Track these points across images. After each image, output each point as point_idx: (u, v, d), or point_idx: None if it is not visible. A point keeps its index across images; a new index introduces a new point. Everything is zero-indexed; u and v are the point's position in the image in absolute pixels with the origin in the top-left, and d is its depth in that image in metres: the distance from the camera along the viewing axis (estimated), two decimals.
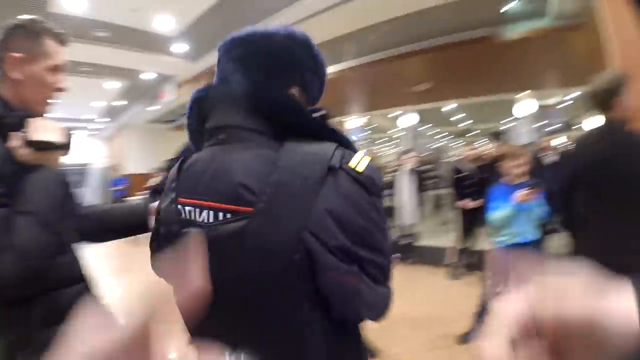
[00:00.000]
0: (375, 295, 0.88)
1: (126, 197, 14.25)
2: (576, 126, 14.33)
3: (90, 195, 20.92)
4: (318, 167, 0.83)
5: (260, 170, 0.86)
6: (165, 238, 1.00)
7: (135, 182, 15.28)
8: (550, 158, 5.75)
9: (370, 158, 0.90)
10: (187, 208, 0.94)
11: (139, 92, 13.74)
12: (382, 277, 0.90)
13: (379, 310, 0.91)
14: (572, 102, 14.69)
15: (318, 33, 9.10)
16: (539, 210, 3.31)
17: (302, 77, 1.05)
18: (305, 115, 0.94)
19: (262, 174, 0.85)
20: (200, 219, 0.90)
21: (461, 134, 19.34)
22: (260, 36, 1.00)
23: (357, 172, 0.86)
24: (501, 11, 8.61)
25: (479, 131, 20.43)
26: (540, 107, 11.87)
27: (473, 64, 11.01)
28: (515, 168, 3.33)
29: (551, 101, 13.30)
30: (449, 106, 16.74)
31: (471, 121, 19.66)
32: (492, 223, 3.37)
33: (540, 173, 5.47)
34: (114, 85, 12.86)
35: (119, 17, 8.01)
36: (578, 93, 14.01)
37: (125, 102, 15.29)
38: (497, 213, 3.27)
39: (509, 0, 8.13)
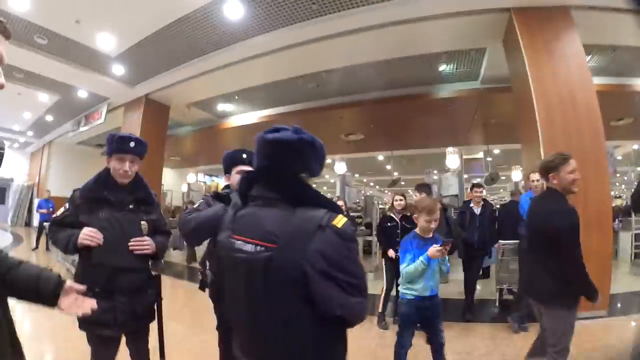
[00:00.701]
0: (346, 300, 1.38)
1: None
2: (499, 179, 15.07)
3: (10, 214, 19.73)
4: (312, 225, 1.39)
5: (280, 223, 1.43)
6: (220, 259, 1.66)
7: (58, 206, 13.65)
8: (475, 209, 5.93)
9: (346, 219, 1.44)
10: (237, 242, 1.50)
11: (71, 109, 12.84)
12: (355, 291, 1.41)
13: (353, 311, 1.43)
14: (496, 157, 15.63)
15: (257, 74, 9.07)
16: (444, 266, 3.35)
17: (307, 165, 1.54)
18: (308, 191, 1.52)
19: (282, 226, 1.42)
20: (245, 249, 1.46)
21: (391, 184, 19.95)
22: (280, 141, 1.51)
23: (337, 228, 1.40)
24: (437, 71, 8.97)
25: (403, 183, 21.05)
26: (466, 160, 12.44)
27: (405, 119, 11.43)
28: (429, 222, 3.28)
29: (477, 156, 14.01)
30: (380, 156, 17.22)
31: (397, 173, 20.31)
32: (403, 275, 3.31)
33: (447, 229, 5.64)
34: (47, 98, 11.98)
35: (61, 26, 7.44)
36: (500, 149, 14.97)
37: (56, 118, 14.36)
38: (410, 267, 3.23)
39: (443, 62, 8.46)
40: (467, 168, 11.20)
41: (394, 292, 5.41)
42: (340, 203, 6.62)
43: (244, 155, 2.86)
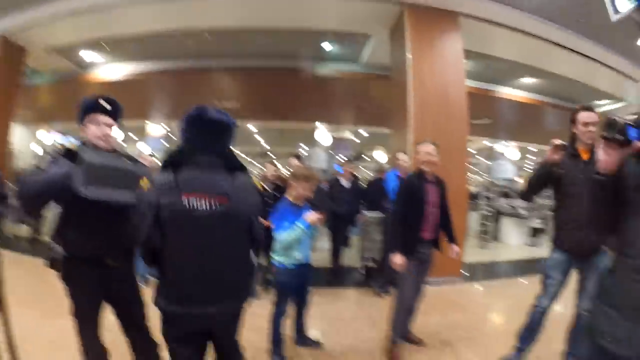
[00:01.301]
0: (262, 234, 2.17)
1: None
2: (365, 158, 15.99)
3: None
4: (250, 185, 2.09)
5: (229, 184, 1.93)
6: (169, 218, 1.84)
7: None
8: (343, 182, 6.28)
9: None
10: (191, 200, 1.84)
11: None
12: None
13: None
14: (362, 138, 16.52)
15: (133, 21, 8.14)
16: (316, 234, 3.52)
17: (233, 140, 2.08)
18: (238, 160, 2.06)
19: (230, 186, 1.93)
20: (201, 206, 1.85)
21: (260, 155, 19.94)
22: (227, 123, 2.03)
23: (258, 187, 2.89)
24: (321, 48, 9.16)
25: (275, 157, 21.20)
26: (335, 138, 12.96)
27: (283, 92, 11.37)
28: (304, 190, 3.36)
29: (345, 135, 14.66)
30: (251, 127, 17.07)
31: (268, 144, 20.40)
32: (280, 243, 3.31)
33: (321, 198, 5.97)
34: None
35: None
36: (368, 132, 15.84)
37: None
38: (287, 233, 3.23)
39: (328, 40, 8.65)
40: (334, 146, 11.69)
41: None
42: None
43: (105, 103, 2.43)
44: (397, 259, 3.42)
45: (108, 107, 2.41)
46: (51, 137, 17.02)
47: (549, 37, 7.94)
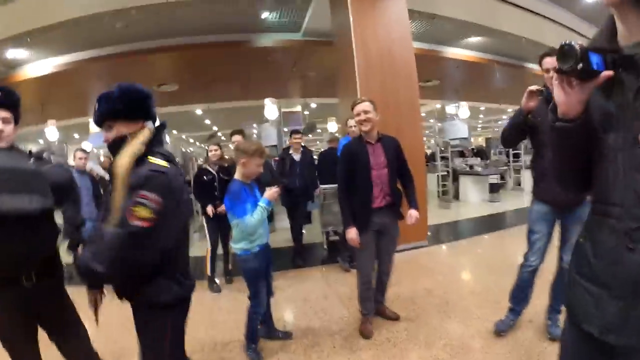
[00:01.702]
0: None
1: None
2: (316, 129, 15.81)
3: None
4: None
5: None
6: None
7: None
8: (295, 156, 5.99)
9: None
10: None
11: None
12: None
13: None
14: (312, 110, 16.26)
15: (53, 7, 7.43)
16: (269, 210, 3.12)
17: None
18: None
19: None
20: None
21: (209, 138, 19.30)
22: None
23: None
24: (260, 19, 8.70)
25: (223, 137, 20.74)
26: (284, 113, 12.65)
27: (223, 68, 10.99)
28: (258, 166, 3.05)
29: (295, 109, 14.34)
30: (198, 110, 16.49)
31: (217, 127, 19.94)
32: (248, 227, 2.95)
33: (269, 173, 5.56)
34: None
35: None
36: (317, 103, 15.60)
37: None
38: (256, 215, 2.92)
39: (266, 9, 8.22)
40: (285, 121, 11.35)
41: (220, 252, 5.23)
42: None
43: None
44: (350, 234, 3.22)
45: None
46: None
47: None
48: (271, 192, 2.98)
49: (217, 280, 5.11)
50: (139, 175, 1.56)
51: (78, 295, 2.16)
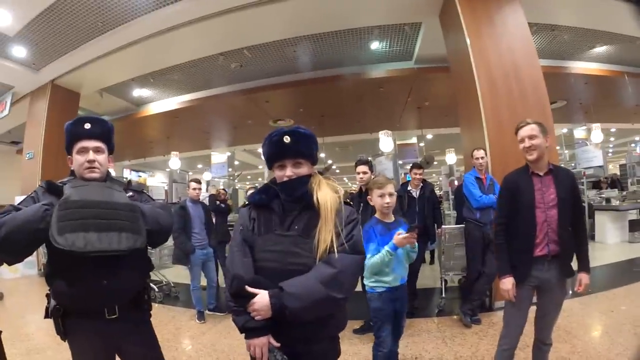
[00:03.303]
0: None
1: None
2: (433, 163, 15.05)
3: None
4: None
5: None
6: None
7: None
8: (413, 192, 5.42)
9: None
10: None
11: None
12: None
13: None
14: (428, 142, 15.58)
15: (174, 51, 7.93)
16: (413, 253, 2.91)
17: None
18: None
19: None
20: None
21: (324, 171, 19.56)
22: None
23: None
24: (369, 50, 8.52)
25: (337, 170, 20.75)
26: (399, 145, 12.22)
27: (336, 101, 10.97)
28: (382, 197, 2.90)
29: (410, 140, 13.85)
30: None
31: (331, 160, 19.94)
32: (369, 268, 2.87)
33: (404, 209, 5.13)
34: None
35: None
36: (433, 134, 14.92)
37: None
38: (375, 258, 2.82)
39: (375, 38, 7.96)
40: (400, 154, 10.92)
41: None
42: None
43: (87, 125, 1.99)
44: (505, 284, 2.62)
45: (87, 126, 1.95)
46: (123, 174, 17.53)
47: None
48: (400, 237, 2.73)
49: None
50: (353, 211, 1.78)
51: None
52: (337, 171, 20.67)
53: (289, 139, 1.71)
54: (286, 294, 1.50)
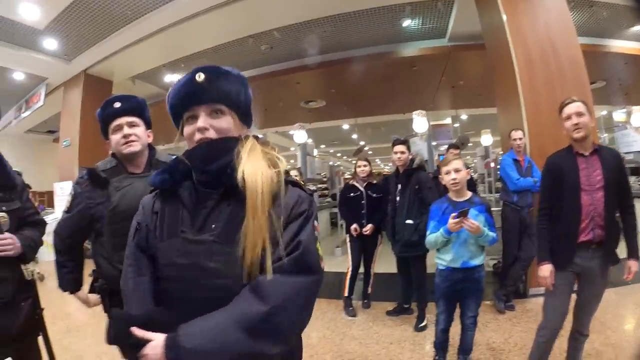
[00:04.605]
0: None
1: None
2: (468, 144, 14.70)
3: None
4: None
5: None
6: None
7: None
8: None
9: None
10: None
11: (11, 96, 11.40)
12: None
13: None
14: (463, 122, 15.23)
15: (203, 35, 7.99)
16: (482, 240, 2.78)
17: None
18: None
19: None
20: None
21: (356, 152, 19.39)
22: None
23: None
24: (401, 27, 8.33)
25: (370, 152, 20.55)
26: (433, 126, 11.98)
27: (368, 82, 10.79)
28: (447, 174, 2.89)
29: (444, 121, 13.57)
30: (345, 125, 16.55)
31: (363, 142, 19.71)
32: (427, 244, 2.99)
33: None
34: None
35: None
36: (468, 114, 14.56)
37: None
38: (430, 237, 2.90)
39: (407, 16, 7.75)
40: (434, 135, 10.67)
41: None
42: (294, 173, 5.78)
43: (117, 104, 1.98)
44: (543, 271, 2.49)
45: (117, 104, 1.96)
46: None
47: None
48: (451, 222, 2.69)
49: (353, 304, 4.77)
50: (304, 198, 1.11)
51: None
52: (370, 152, 20.49)
53: (202, 76, 1.10)
54: (183, 347, 0.92)
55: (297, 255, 1.00)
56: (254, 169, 1.04)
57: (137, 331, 0.97)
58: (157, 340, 0.94)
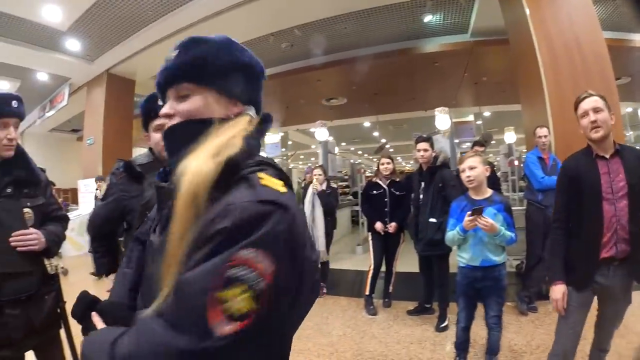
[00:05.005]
0: None
1: None
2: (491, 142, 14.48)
3: None
4: None
5: None
6: None
7: None
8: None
9: None
10: None
11: (36, 95, 11.70)
12: None
13: None
14: (486, 120, 14.98)
15: (223, 33, 8.32)
16: (499, 238, 2.70)
17: None
18: None
19: None
20: None
21: (378, 150, 19.27)
22: None
23: None
24: (423, 23, 8.26)
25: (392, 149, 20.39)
26: (455, 123, 11.85)
27: (389, 78, 10.74)
28: (462, 172, 2.85)
29: (467, 118, 13.42)
30: (366, 123, 16.47)
31: (385, 139, 19.59)
32: (446, 241, 3.02)
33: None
34: (7, 85, 10.52)
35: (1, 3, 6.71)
36: (491, 111, 14.33)
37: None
38: (448, 234, 2.94)
39: (428, 11, 7.67)
40: (457, 132, 10.54)
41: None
42: (317, 172, 5.76)
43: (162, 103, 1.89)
44: (555, 292, 2.19)
45: (160, 103, 1.91)
46: None
47: None
48: (466, 220, 2.69)
49: (374, 302, 4.74)
50: (237, 208, 0.69)
51: None
52: (391, 150, 20.33)
53: (173, 54, 0.92)
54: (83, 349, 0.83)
55: (172, 301, 0.69)
56: (188, 161, 0.77)
57: (95, 317, 0.92)
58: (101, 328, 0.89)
